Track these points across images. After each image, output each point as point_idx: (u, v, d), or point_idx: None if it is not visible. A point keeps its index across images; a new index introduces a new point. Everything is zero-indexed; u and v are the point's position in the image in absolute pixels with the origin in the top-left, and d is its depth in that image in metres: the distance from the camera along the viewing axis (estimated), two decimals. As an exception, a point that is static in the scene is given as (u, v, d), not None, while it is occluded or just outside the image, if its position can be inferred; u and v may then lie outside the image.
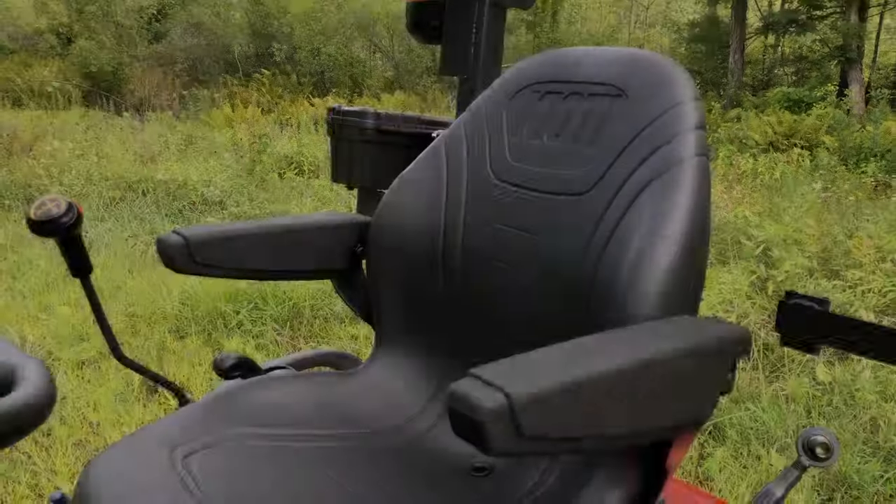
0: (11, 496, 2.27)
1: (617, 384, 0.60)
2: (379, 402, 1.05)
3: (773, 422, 2.73)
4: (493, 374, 0.54)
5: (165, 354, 3.36)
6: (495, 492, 0.87)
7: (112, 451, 0.87)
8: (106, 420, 2.80)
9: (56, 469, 2.42)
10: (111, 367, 3.18)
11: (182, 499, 0.79)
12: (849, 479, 2.41)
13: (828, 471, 2.47)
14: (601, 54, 1.02)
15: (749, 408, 2.87)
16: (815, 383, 3.05)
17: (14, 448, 2.58)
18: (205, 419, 0.92)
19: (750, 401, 2.94)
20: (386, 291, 1.14)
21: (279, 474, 0.87)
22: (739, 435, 2.70)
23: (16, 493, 2.28)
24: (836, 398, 2.93)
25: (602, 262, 0.88)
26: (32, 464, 2.45)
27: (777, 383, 3.12)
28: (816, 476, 2.45)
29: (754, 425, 2.75)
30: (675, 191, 0.83)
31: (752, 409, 2.85)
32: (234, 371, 1.06)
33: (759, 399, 2.94)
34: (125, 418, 2.83)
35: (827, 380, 3.03)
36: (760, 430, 2.71)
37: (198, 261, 1.00)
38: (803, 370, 3.21)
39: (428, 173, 1.11)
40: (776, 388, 3.07)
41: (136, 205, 5.78)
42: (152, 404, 3.00)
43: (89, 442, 2.68)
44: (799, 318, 0.94)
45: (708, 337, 0.71)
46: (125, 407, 2.92)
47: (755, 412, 2.82)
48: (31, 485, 2.34)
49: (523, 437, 0.53)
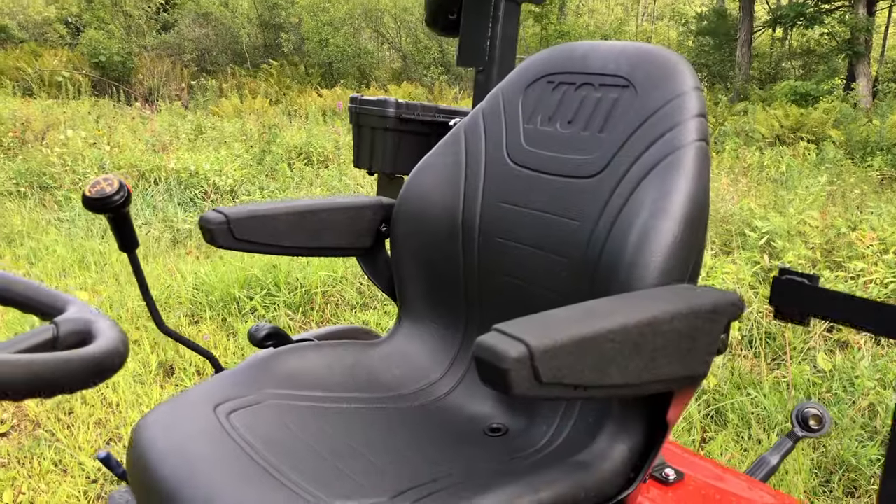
0: (37, 470, 2.36)
1: (622, 339, 0.67)
2: (402, 369, 1.14)
3: (774, 407, 2.79)
4: (515, 329, 0.62)
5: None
6: (509, 449, 0.95)
7: (159, 409, 0.94)
8: (125, 401, 2.89)
9: (80, 445, 2.51)
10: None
11: (226, 446, 0.87)
12: (847, 462, 2.48)
13: (826, 454, 2.54)
14: (610, 48, 1.09)
15: (751, 393, 2.94)
16: (815, 370, 3.12)
17: (37, 426, 2.67)
18: (243, 382, 1.00)
19: (751, 387, 3.01)
20: (408, 267, 1.22)
21: (312, 429, 0.95)
22: (741, 419, 2.77)
23: (42, 467, 2.37)
24: (835, 385, 2.99)
25: (609, 239, 0.95)
26: (56, 440, 2.54)
27: (778, 370, 3.19)
28: (815, 459, 2.52)
29: (755, 410, 2.82)
30: (677, 173, 0.91)
31: (754, 394, 2.92)
32: (267, 341, 1.15)
33: (761, 385, 3.01)
34: (143, 399, 2.91)
35: (828, 367, 3.09)
36: (761, 414, 2.78)
37: (237, 237, 1.08)
38: (804, 358, 3.28)
39: (448, 158, 1.19)
40: (777, 374, 3.14)
41: (149, 193, 5.87)
42: (169, 385, 3.09)
43: (109, 421, 2.76)
44: (790, 292, 1.03)
45: (704, 301, 0.79)
46: (143, 389, 3.01)
47: (756, 397, 2.89)
48: (54, 460, 2.43)
49: (541, 382, 0.60)
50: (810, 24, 16.35)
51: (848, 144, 9.37)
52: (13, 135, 7.14)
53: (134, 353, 3.26)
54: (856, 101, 12.79)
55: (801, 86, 13.14)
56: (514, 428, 1.02)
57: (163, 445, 0.86)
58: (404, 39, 17.47)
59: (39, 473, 2.35)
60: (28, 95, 11.99)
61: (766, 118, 10.44)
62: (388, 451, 0.93)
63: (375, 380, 1.11)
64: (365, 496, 0.80)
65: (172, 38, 16.82)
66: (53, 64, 13.89)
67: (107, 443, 2.64)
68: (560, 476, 0.82)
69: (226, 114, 11.14)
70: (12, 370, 0.54)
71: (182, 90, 14.00)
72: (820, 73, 16.22)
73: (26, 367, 0.54)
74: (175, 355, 3.29)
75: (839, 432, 2.75)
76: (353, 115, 1.67)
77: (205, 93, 12.80)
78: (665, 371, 0.73)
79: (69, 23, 16.72)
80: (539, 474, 0.82)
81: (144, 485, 0.85)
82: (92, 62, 14.97)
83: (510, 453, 0.92)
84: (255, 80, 15.71)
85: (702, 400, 2.95)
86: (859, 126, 9.95)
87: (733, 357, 3.29)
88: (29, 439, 2.56)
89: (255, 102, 12.37)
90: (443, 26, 1.53)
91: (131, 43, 15.95)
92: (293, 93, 14.57)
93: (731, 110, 12.38)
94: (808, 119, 10.20)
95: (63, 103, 10.73)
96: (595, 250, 0.97)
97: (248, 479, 0.81)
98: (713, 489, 1.25)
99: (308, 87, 15.28)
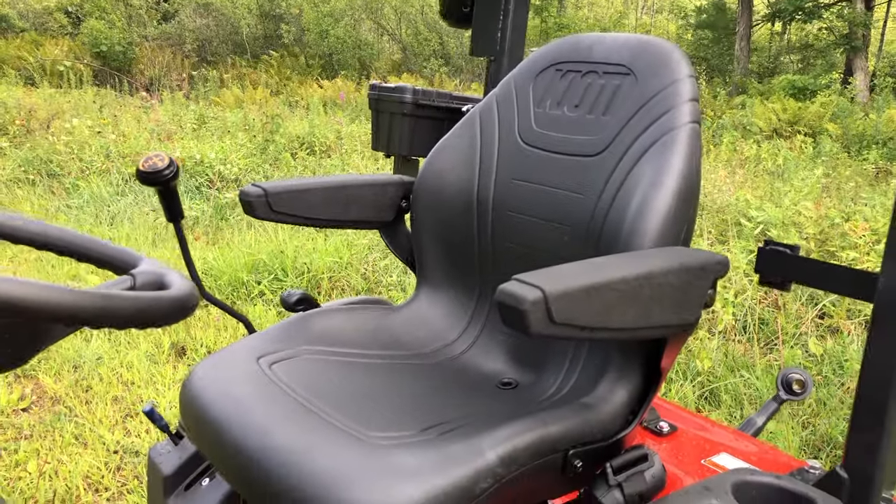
0: (59, 443, 2.46)
1: (622, 288, 0.78)
2: (421, 331, 1.25)
3: (766, 388, 2.90)
4: (532, 278, 0.72)
5: (192, 320, 3.54)
6: (520, 399, 1.05)
7: (206, 362, 1.05)
8: (139, 379, 2.99)
9: (99, 419, 2.61)
10: (141, 332, 3.37)
11: (271, 389, 0.98)
12: (834, 440, 2.59)
13: (815, 432, 2.66)
14: (614, 39, 1.20)
15: (744, 375, 3.05)
16: (807, 354, 3.22)
17: (57, 402, 2.77)
18: (282, 338, 1.11)
19: (745, 369, 3.12)
20: (427, 239, 1.33)
21: (344, 378, 1.07)
22: (734, 399, 2.89)
23: (63, 440, 2.47)
24: (825, 368, 3.10)
25: (611, 210, 1.07)
26: (75, 416, 2.64)
27: (771, 354, 3.30)
28: (804, 437, 2.63)
29: (748, 391, 2.93)
30: (672, 152, 1.02)
31: (747, 376, 3.03)
32: (298, 305, 1.27)
33: (754, 368, 3.12)
34: (157, 377, 3.01)
35: (818, 352, 3.20)
36: (753, 395, 2.89)
37: (274, 209, 1.19)
38: (797, 343, 3.39)
39: (464, 140, 1.31)
40: (770, 358, 3.25)
41: (155, 181, 5.95)
42: (181, 365, 3.19)
43: (125, 398, 2.87)
44: (774, 261, 1.15)
45: (694, 259, 0.90)
46: (156, 368, 3.11)
47: (749, 379, 3.01)
48: (75, 434, 2.53)
49: (554, 322, 0.71)
50: (809, 19, 16.44)
51: (844, 138, 9.47)
52: (20, 123, 7.21)
53: (147, 333, 3.36)
54: (853, 95, 12.89)
55: (798, 80, 13.23)
56: (524, 382, 1.13)
57: (214, 390, 0.96)
58: (404, 31, 17.52)
59: (61, 446, 2.45)
60: (30, 84, 12.03)
61: (764, 112, 10.53)
62: (412, 397, 1.04)
63: (397, 340, 1.22)
64: (397, 430, 0.91)
65: (173, 28, 16.84)
66: (55, 53, 13.92)
67: (123, 418, 2.74)
68: (568, 414, 0.93)
69: (227, 104, 11.21)
70: (120, 303, 0.65)
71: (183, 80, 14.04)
72: (818, 68, 16.31)
73: (132, 302, 0.65)
74: (186, 336, 3.40)
75: (828, 412, 2.86)
76: (373, 101, 1.78)
77: (206, 83, 12.86)
78: (659, 318, 0.84)
79: (69, 12, 16.74)
80: (549, 413, 0.93)
81: (199, 425, 0.95)
82: (93, 52, 15.00)
83: (521, 403, 1.03)
84: (255, 71, 15.76)
85: (696, 381, 3.06)
86: (856, 120, 10.05)
87: (727, 341, 3.40)
88: (49, 414, 2.66)
89: (257, 93, 12.43)
90: (457, 18, 1.65)
91: (132, 33, 15.97)
92: (293, 84, 14.62)
93: (730, 104, 12.47)
94: (806, 113, 10.29)
95: (65, 92, 10.79)
96: (598, 220, 1.08)
97: (294, 415, 0.91)
98: (702, 440, 1.38)
99: (308, 79, 15.33)
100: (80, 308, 0.61)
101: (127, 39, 15.49)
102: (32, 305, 0.59)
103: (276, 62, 16.37)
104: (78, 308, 0.61)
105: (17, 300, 0.58)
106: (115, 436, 2.57)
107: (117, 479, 2.39)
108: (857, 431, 1.03)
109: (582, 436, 0.92)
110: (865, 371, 1.03)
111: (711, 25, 18.88)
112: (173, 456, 1.21)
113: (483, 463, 0.82)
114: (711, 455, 1.33)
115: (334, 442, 0.86)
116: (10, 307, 0.58)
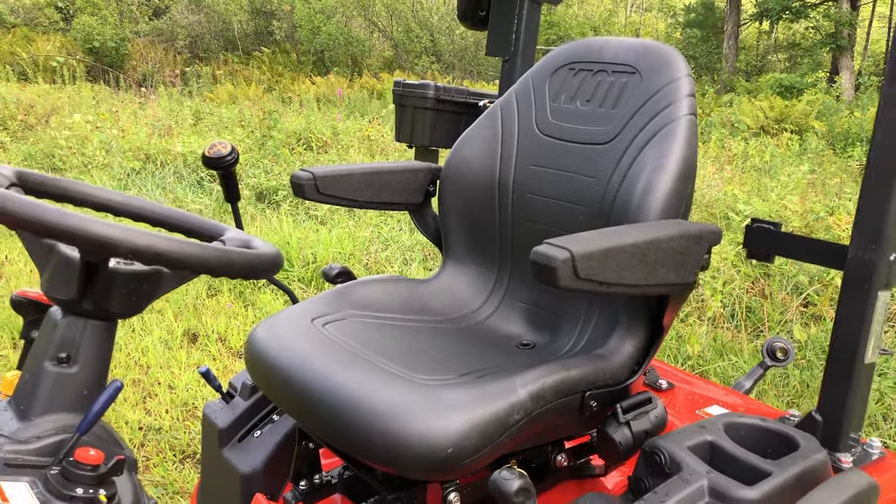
0: (84, 421, 2.59)
1: (633, 251, 0.94)
2: (449, 300, 1.41)
3: (753, 370, 3.06)
4: (561, 241, 0.87)
5: (202, 308, 3.67)
6: (536, 358, 1.21)
7: (263, 324, 1.19)
8: (155, 363, 3.12)
9: (124, 398, 2.74)
10: (153, 319, 3.49)
11: (328, 342, 1.13)
12: (817, 418, 2.75)
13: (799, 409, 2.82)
14: (621, 42, 1.36)
15: (731, 359, 3.22)
16: (792, 340, 3.39)
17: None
18: (328, 304, 1.26)
19: (732, 354, 3.29)
20: (453, 219, 1.48)
21: (388, 336, 1.23)
22: (722, 381, 3.05)
23: (88, 418, 2.60)
24: (809, 353, 3.27)
25: (619, 191, 1.22)
26: (97, 396, 2.77)
27: (758, 340, 3.46)
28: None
29: (735, 374, 3.10)
30: (673, 140, 1.18)
31: (735, 359, 3.20)
32: (338, 278, 1.42)
33: (741, 353, 3.29)
34: (172, 362, 3.14)
35: (802, 337, 3.37)
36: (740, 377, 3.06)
37: (322, 192, 1.34)
38: (782, 329, 3.56)
39: (487, 130, 1.46)
40: (756, 344, 3.42)
41: (157, 175, 6.07)
42: (194, 350, 3.32)
43: (143, 381, 3.00)
44: (759, 236, 1.33)
45: (693, 229, 1.06)
46: (171, 353, 3.24)
47: (737, 362, 3.17)
48: (98, 414, 2.66)
49: (580, 278, 0.86)
50: (796, 18, 16.69)
51: (830, 135, 9.68)
52: (20, 118, 7.29)
53: (160, 321, 3.49)
54: (838, 93, 13.13)
55: (785, 78, 13.47)
56: (541, 342, 1.29)
57: (277, 346, 1.10)
58: (395, 28, 17.64)
59: (87, 424, 2.58)
60: (23, 80, 12.06)
61: (752, 109, 10.73)
62: (448, 352, 1.20)
63: (427, 307, 1.38)
64: (441, 374, 1.07)
65: (165, 24, 16.88)
66: (47, 49, 13.94)
67: (143, 399, 2.87)
68: (584, 362, 1.09)
69: (221, 100, 11.30)
70: (237, 257, 0.80)
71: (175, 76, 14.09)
72: (804, 66, 16.56)
73: (244, 256, 0.80)
74: (197, 323, 3.53)
75: (811, 393, 3.03)
76: (398, 96, 1.95)
77: (198, 79, 12.93)
78: (664, 277, 1.00)
79: (60, 8, 16.74)
80: (569, 360, 1.09)
81: (267, 376, 1.10)
82: (85, 48, 15.03)
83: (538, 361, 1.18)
84: (247, 68, 15.83)
85: (687, 365, 3.23)
86: (841, 118, 10.25)
87: (716, 328, 3.57)
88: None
89: (250, 89, 12.53)
90: (474, 21, 1.81)
91: (124, 29, 16.00)
92: (286, 80, 14.71)
93: (718, 101, 12.67)
94: (792, 111, 10.49)
95: (59, 88, 10.84)
96: (608, 200, 1.24)
97: (350, 362, 1.06)
98: (697, 394, 1.57)
99: (300, 75, 15.42)
100: (208, 259, 0.76)
101: (119, 35, 15.52)
102: (175, 256, 0.73)
103: (267, 58, 16.44)
104: (206, 259, 0.75)
105: (164, 251, 0.72)
106: (136, 415, 2.70)
107: (142, 454, 2.52)
108: (829, 382, 1.21)
109: (596, 380, 1.08)
110: (837, 330, 1.20)
111: (700, 24, 19.13)
112: (227, 412, 1.36)
113: (516, 398, 0.97)
114: (705, 407, 1.51)
115: (388, 382, 1.00)
116: (158, 257, 0.72)
